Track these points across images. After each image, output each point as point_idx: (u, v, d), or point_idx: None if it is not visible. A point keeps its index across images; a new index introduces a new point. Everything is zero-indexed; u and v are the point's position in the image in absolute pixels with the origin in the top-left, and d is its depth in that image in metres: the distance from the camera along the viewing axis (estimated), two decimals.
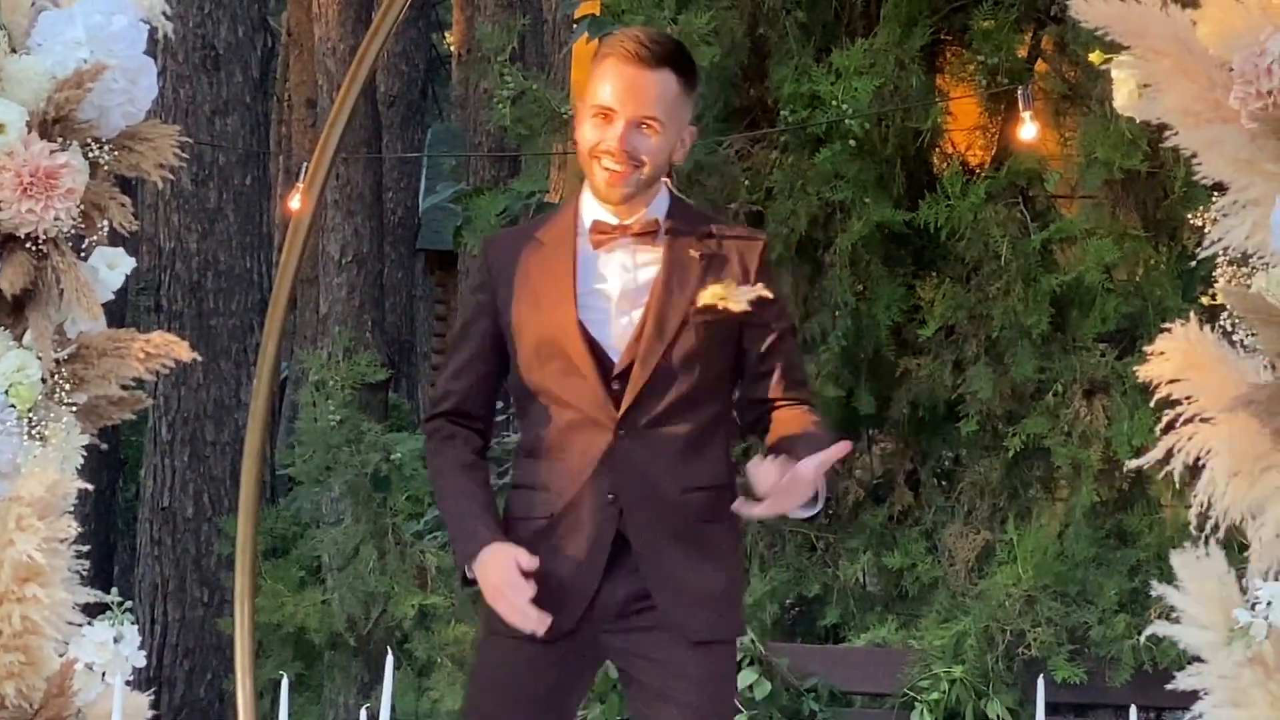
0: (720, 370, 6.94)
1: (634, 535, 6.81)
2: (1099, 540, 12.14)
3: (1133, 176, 12.40)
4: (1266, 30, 7.33)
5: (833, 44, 13.17)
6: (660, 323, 6.83)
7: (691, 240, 6.94)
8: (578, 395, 6.87)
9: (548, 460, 6.95)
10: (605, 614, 6.85)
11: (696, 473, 6.88)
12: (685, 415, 6.87)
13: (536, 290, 6.95)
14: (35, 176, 7.24)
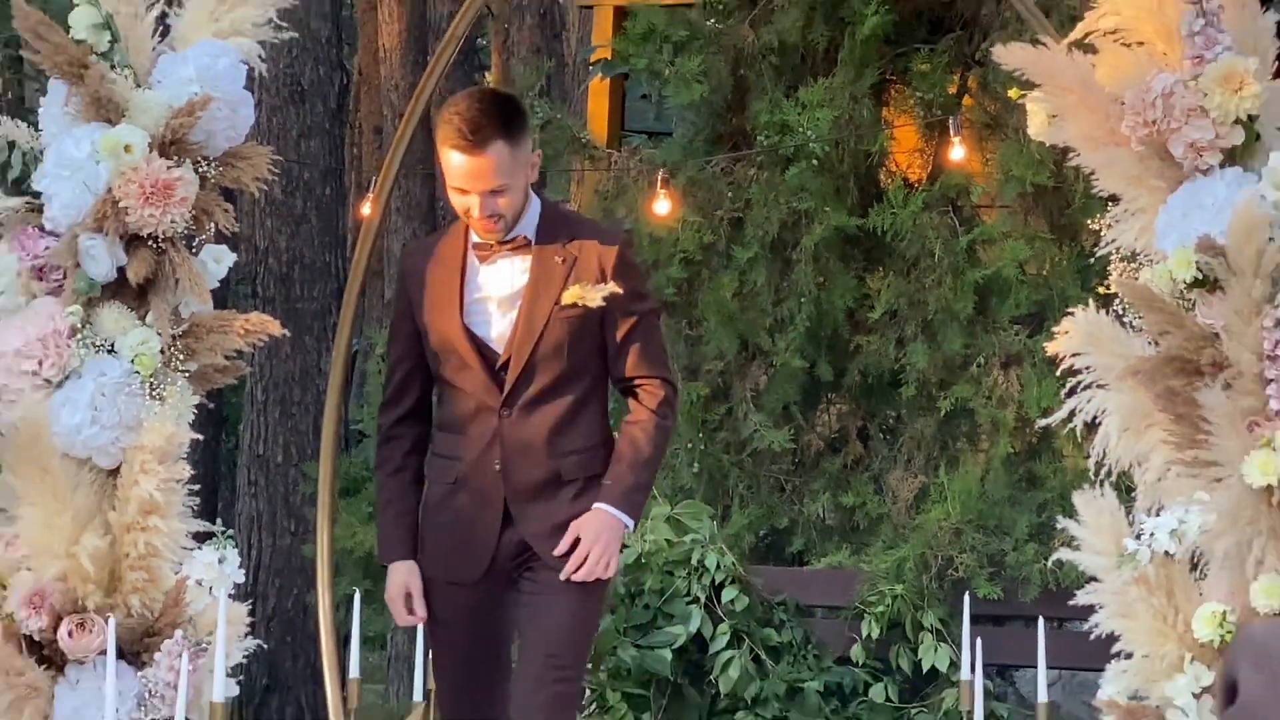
0: (587, 353, 7.04)
1: (511, 498, 6.97)
2: (1013, 483, 12.15)
3: (1042, 190, 12.38)
4: (1151, 72, 7.33)
5: (799, 83, 13.14)
6: (530, 321, 6.97)
7: (557, 248, 7.04)
8: (471, 384, 7.06)
9: (453, 435, 7.16)
10: (509, 556, 7.01)
11: (571, 439, 7.03)
12: (559, 394, 7.00)
13: (432, 298, 7.15)
14: (155, 187, 7.25)
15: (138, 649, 7.20)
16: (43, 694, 7.14)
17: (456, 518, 7.05)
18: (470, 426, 7.04)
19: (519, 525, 6.96)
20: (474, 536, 6.98)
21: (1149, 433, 7.36)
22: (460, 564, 7.00)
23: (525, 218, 7.09)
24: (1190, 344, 7.26)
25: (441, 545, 7.07)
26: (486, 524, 6.98)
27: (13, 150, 7.59)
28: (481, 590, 7.03)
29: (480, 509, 6.99)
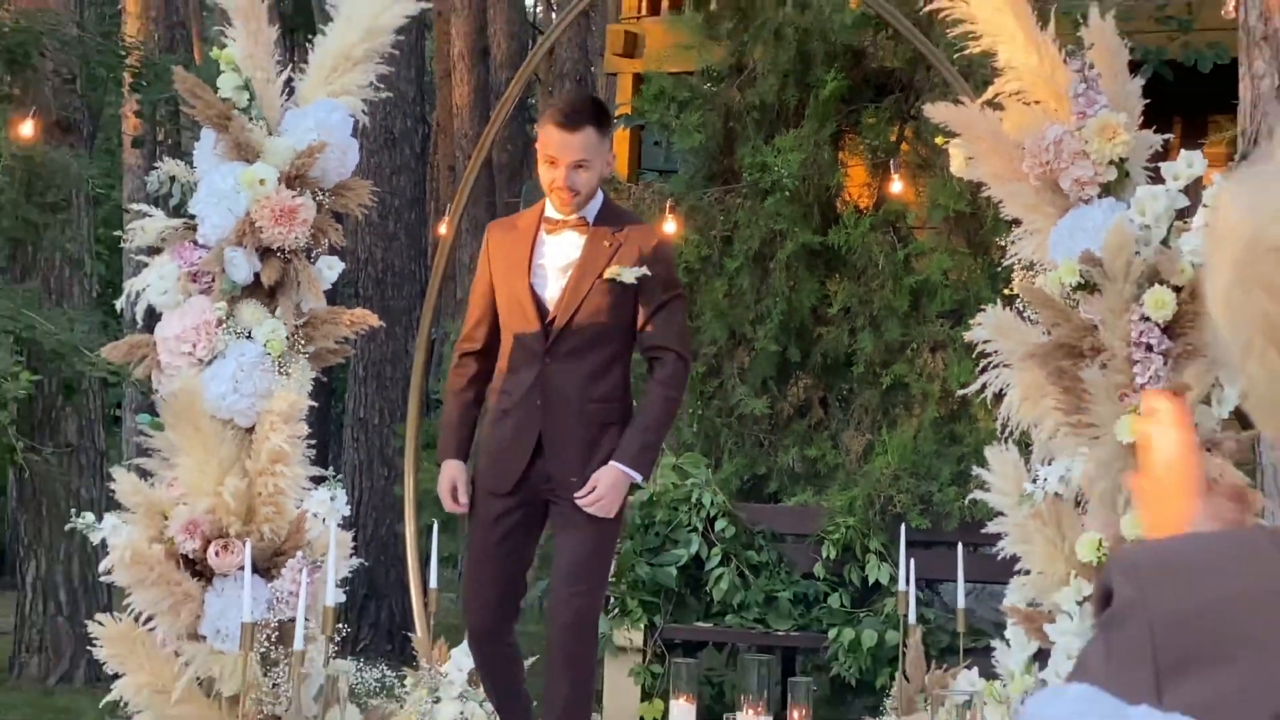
0: (619, 321, 7.00)
1: (545, 431, 6.93)
2: (938, 440, 12.13)
3: (961, 215, 12.36)
4: (1046, 125, 7.35)
5: (775, 132, 13.11)
6: (576, 288, 6.96)
7: (607, 233, 7.04)
8: (525, 333, 7.02)
9: (508, 375, 7.10)
10: (538, 481, 6.97)
11: (598, 389, 6.98)
12: (592, 350, 6.98)
13: (509, 260, 7.14)
14: (282, 212, 7.28)
15: (268, 565, 7.23)
16: (195, 599, 7.17)
17: (501, 441, 7.06)
18: (521, 369, 7.01)
19: (547, 457, 6.93)
20: (512, 456, 6.97)
21: (1043, 402, 7.40)
22: (499, 476, 7.00)
23: (590, 204, 7.10)
24: (1075, 334, 7.30)
25: (489, 461, 7.11)
26: (523, 449, 6.96)
27: (174, 183, 7.63)
28: (512, 501, 6.99)
29: (520, 436, 6.97)
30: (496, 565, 7.03)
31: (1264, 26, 7.56)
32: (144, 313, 7.55)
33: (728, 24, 13.74)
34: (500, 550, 7.04)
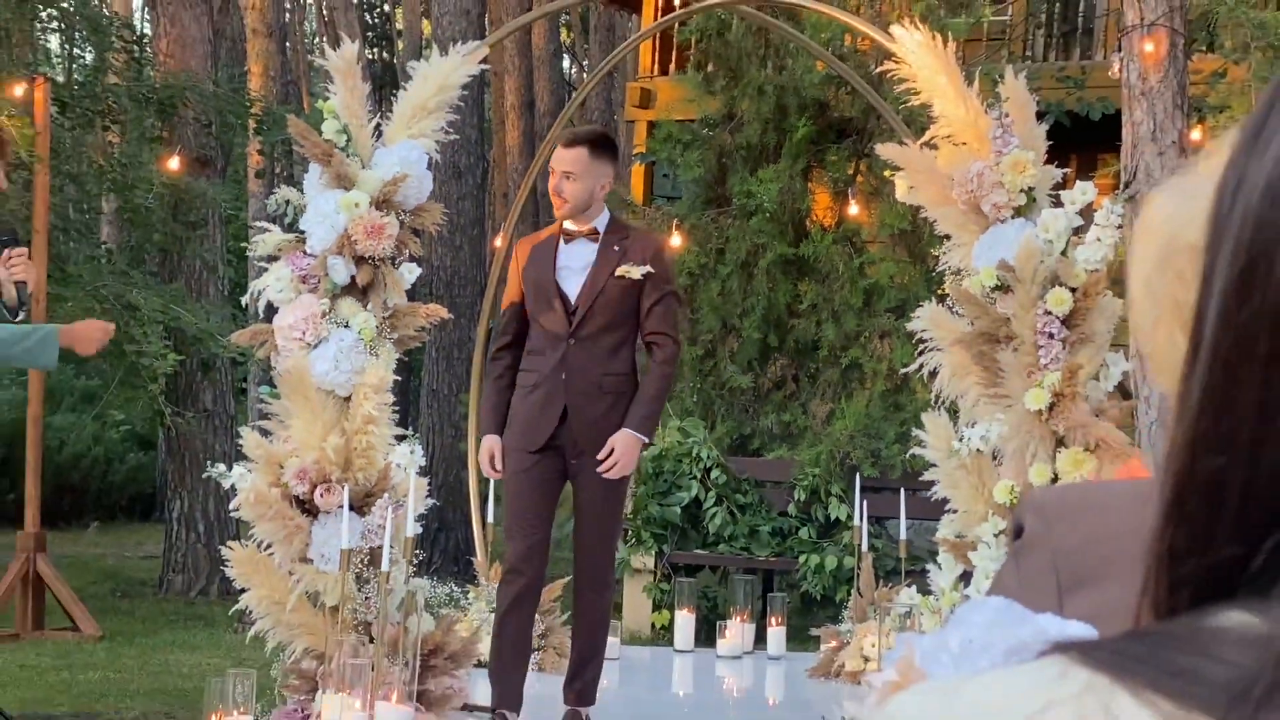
0: (628, 311, 6.89)
1: (569, 401, 6.83)
2: (885, 408, 12.12)
3: (904, 232, 12.35)
4: (970, 161, 7.31)
5: (759, 167, 13.10)
6: (594, 283, 6.85)
7: (616, 239, 6.94)
8: (551, 321, 6.90)
9: (537, 356, 6.97)
10: (564, 443, 6.85)
11: (611, 366, 6.87)
12: (606, 334, 6.87)
13: (536, 265, 7.02)
14: (372, 229, 7.26)
15: (361, 505, 7.22)
16: (304, 531, 7.17)
17: (531, 409, 6.94)
18: (548, 350, 6.92)
19: (571, 422, 6.84)
20: (541, 420, 6.87)
21: (967, 378, 7.38)
22: (530, 436, 6.89)
23: (598, 219, 7.01)
24: (992, 325, 7.28)
25: (520, 423, 6.98)
26: (550, 415, 6.86)
27: (288, 205, 7.63)
28: (540, 456, 6.89)
29: (548, 404, 6.88)
30: (529, 498, 6.95)
31: (1141, 84, 7.55)
32: (265, 307, 7.56)
33: (721, 82, 13.73)
34: (531, 486, 6.94)
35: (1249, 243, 0.63)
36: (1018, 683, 0.64)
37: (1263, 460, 0.61)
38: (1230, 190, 0.64)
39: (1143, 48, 7.57)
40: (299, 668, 7.21)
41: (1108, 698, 0.61)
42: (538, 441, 6.86)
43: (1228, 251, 0.63)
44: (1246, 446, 0.62)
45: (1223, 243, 0.64)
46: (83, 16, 16.56)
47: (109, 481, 18.85)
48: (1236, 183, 0.64)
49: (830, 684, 8.74)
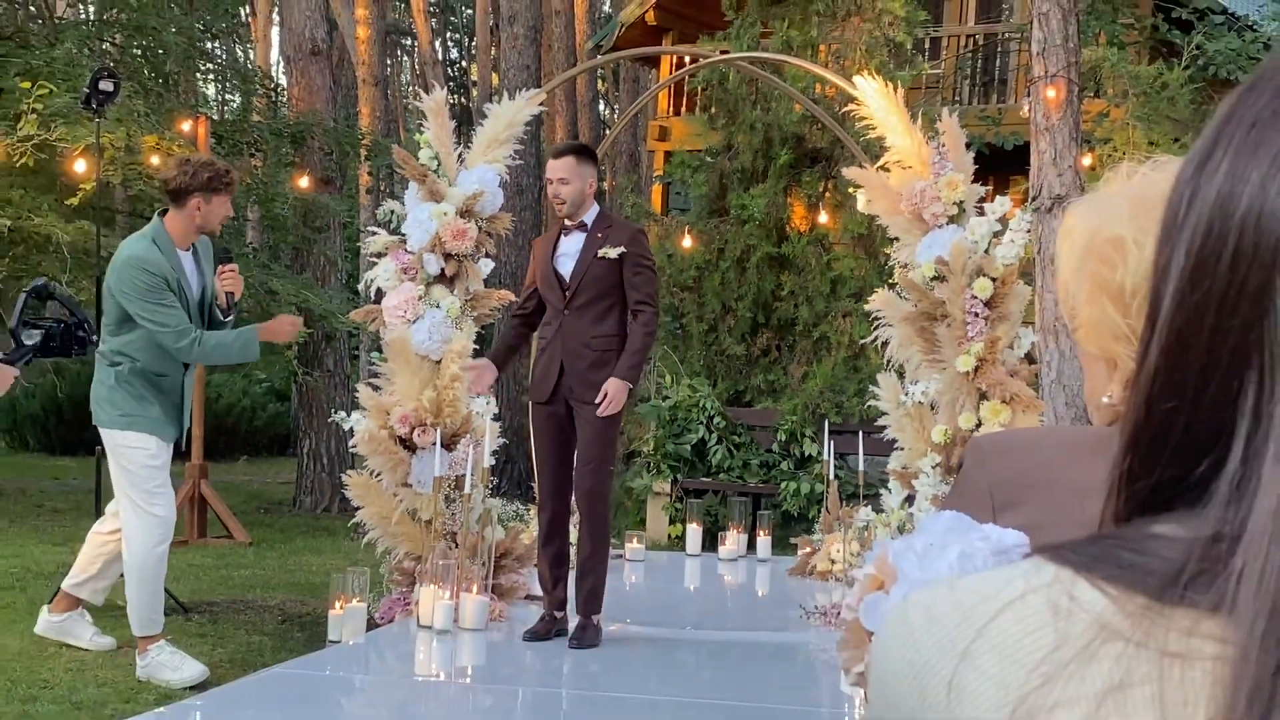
0: (612, 284, 6.59)
1: (565, 361, 6.59)
2: (847, 370, 12.10)
3: (862, 235, 12.33)
4: (914, 181, 7.29)
5: (750, 186, 13.06)
6: (581, 264, 6.58)
7: (600, 229, 6.65)
8: (552, 297, 6.65)
9: (545, 325, 6.74)
10: (564, 392, 6.60)
11: (599, 330, 6.59)
12: (594, 305, 6.59)
13: (541, 254, 6.76)
14: (457, 232, 7.25)
15: (448, 442, 7.23)
16: (405, 462, 7.19)
17: (540, 368, 6.72)
18: (552, 320, 6.67)
19: (566, 375, 6.57)
20: (546, 377, 6.62)
21: (911, 347, 7.36)
22: (540, 389, 6.65)
23: (587, 214, 6.71)
24: (931, 306, 7.26)
25: (534, 382, 6.78)
26: (551, 371, 6.61)
27: (392, 214, 7.63)
28: (552, 407, 6.64)
29: (550, 364, 6.62)
30: (549, 441, 6.71)
31: (1045, 122, 7.50)
32: (374, 292, 7.56)
33: (721, 120, 13.69)
34: (548, 436, 6.71)
35: (1200, 245, 0.64)
36: (1004, 575, 0.65)
37: (1201, 405, 0.63)
38: (1184, 202, 0.65)
39: (1046, 94, 7.52)
40: (401, 566, 7.23)
41: (1070, 586, 0.62)
42: (545, 393, 6.65)
43: (1182, 250, 0.64)
44: (1191, 395, 0.63)
45: (1178, 243, 0.65)
46: (233, 70, 16.55)
47: (254, 425, 18.92)
48: (1190, 197, 0.65)
49: (805, 580, 8.75)
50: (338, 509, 12.00)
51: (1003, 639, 0.62)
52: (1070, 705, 0.59)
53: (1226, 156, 0.64)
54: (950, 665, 0.63)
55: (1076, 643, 0.60)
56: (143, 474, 6.11)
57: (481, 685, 5.92)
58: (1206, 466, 0.62)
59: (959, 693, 0.62)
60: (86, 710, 5.47)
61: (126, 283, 6.01)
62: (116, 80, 8.16)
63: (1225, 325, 0.62)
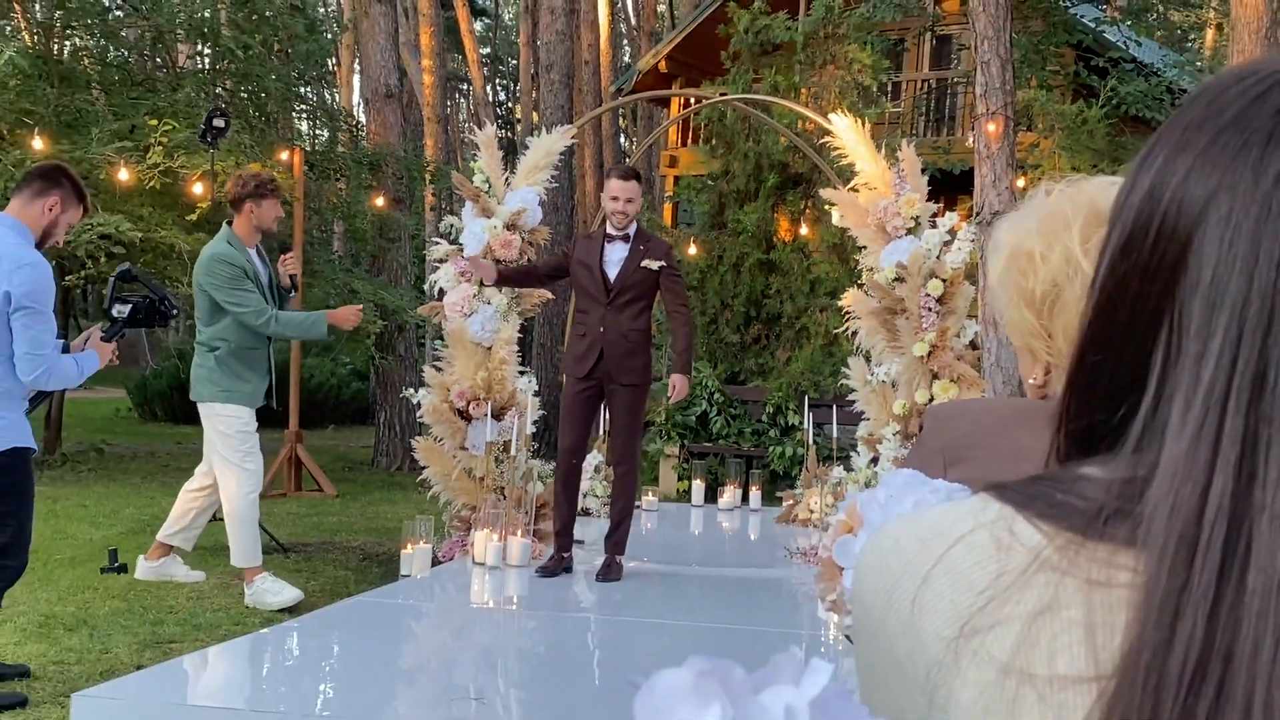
0: (649, 289, 6.47)
1: (605, 348, 6.45)
2: (824, 355, 12.07)
3: (836, 244, 12.28)
4: (879, 199, 7.25)
5: (744, 204, 13.02)
6: (625, 270, 6.44)
7: (641, 241, 6.51)
8: (596, 293, 6.48)
9: (583, 313, 6.57)
10: (600, 374, 6.45)
11: (636, 325, 6.46)
12: (633, 304, 6.46)
13: (587, 256, 6.54)
14: (505, 242, 7.22)
15: (498, 413, 7.22)
16: (462, 430, 7.18)
17: (580, 349, 6.51)
18: (592, 310, 6.50)
19: (605, 359, 6.42)
20: (586, 357, 6.44)
21: (876, 336, 7.32)
22: (579, 367, 6.45)
23: (631, 228, 6.55)
24: (892, 302, 7.23)
25: (573, 359, 6.56)
26: (592, 354, 6.44)
27: (452, 228, 7.62)
28: (587, 383, 6.46)
29: (591, 348, 6.45)
30: (577, 411, 6.60)
31: (986, 151, 7.47)
32: (437, 291, 7.55)
33: (720, 150, 13.64)
34: (579, 401, 6.53)
35: (1132, 222, 0.64)
36: (957, 511, 0.65)
37: (1123, 358, 0.63)
38: (1127, 189, 0.65)
39: (987, 128, 7.49)
40: (459, 515, 7.24)
41: (1010, 522, 0.62)
42: (583, 371, 6.48)
43: (1119, 227, 0.65)
44: (1115, 348, 0.63)
45: (1117, 221, 0.65)
46: (322, 110, 16.52)
47: (340, 399, 18.95)
48: (1131, 185, 0.65)
49: (789, 526, 8.74)
50: (408, 468, 12.03)
51: (955, 566, 0.62)
52: (1008, 624, 0.59)
53: (1160, 154, 0.64)
54: (914, 586, 0.63)
55: (1014, 572, 0.60)
56: (238, 437, 6.18)
57: (525, 611, 5.94)
58: (1125, 410, 0.62)
59: (920, 608, 0.62)
60: (204, 630, 5.50)
61: (213, 275, 6.08)
62: (227, 118, 8.17)
63: (1146, 290, 0.62)
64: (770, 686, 0.47)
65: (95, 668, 4.85)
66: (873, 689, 0.66)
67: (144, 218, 9.89)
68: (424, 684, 4.59)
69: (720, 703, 0.44)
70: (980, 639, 0.59)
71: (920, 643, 0.62)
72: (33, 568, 6.85)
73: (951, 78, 16.82)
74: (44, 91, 10.39)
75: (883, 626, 0.64)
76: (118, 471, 11.47)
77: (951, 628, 0.61)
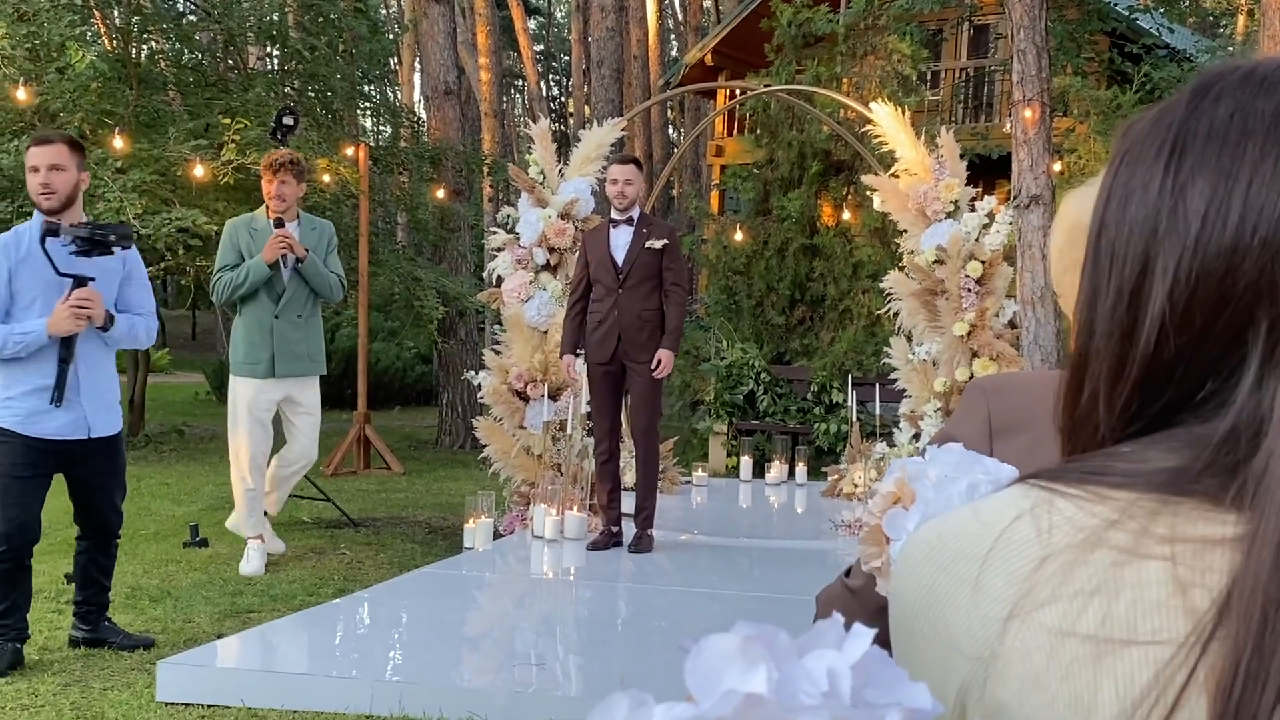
0: (656, 270, 6.39)
1: (621, 332, 6.40)
2: (866, 336, 11.95)
3: (878, 228, 12.15)
4: (919, 184, 7.19)
5: (789, 191, 12.93)
6: (632, 252, 6.39)
7: (645, 224, 6.46)
8: (607, 278, 6.42)
9: (598, 301, 6.48)
10: (620, 355, 6.40)
11: (647, 307, 6.39)
12: (641, 286, 6.40)
13: (596, 242, 6.49)
14: (559, 231, 7.22)
15: (554, 394, 7.24)
16: (520, 410, 7.21)
17: (598, 336, 6.44)
18: (605, 298, 6.43)
19: (622, 342, 6.38)
20: (605, 342, 6.39)
21: (917, 316, 7.27)
22: (599, 353, 6.41)
23: (635, 212, 6.49)
24: (933, 284, 7.17)
25: (593, 346, 6.48)
26: (610, 339, 6.40)
27: (509, 218, 7.63)
28: (608, 367, 6.42)
29: (609, 333, 6.40)
30: (604, 395, 6.51)
31: (1023, 136, 7.38)
32: (495, 278, 7.58)
33: (765, 139, 13.53)
34: (605, 389, 6.51)
35: (1099, 221, 0.65)
36: (1003, 500, 0.64)
37: (1210, 336, 0.62)
38: (1102, 196, 0.66)
39: (1024, 114, 7.39)
40: (519, 490, 7.28)
41: (1049, 504, 0.62)
42: (605, 356, 6.44)
43: (1094, 225, 0.65)
44: (1199, 330, 0.62)
45: (1094, 222, 0.66)
46: (385, 107, 16.61)
47: (405, 382, 19.09)
48: (1104, 193, 0.66)
49: (833, 500, 8.71)
50: (470, 446, 12.10)
51: (1005, 551, 0.61)
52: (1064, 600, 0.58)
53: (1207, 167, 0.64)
54: (973, 573, 0.62)
55: (1063, 549, 0.60)
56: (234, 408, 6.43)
57: (582, 581, 5.96)
58: (1211, 387, 0.61)
59: (980, 590, 0.61)
60: (280, 600, 5.58)
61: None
62: (296, 116, 8.23)
63: (1235, 275, 0.60)
64: (813, 650, 0.47)
65: (179, 636, 4.93)
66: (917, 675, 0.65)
67: (219, 211, 10.01)
68: (487, 650, 4.63)
69: (766, 665, 0.44)
70: (1033, 615, 0.59)
71: (970, 629, 0.61)
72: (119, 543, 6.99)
73: (989, 66, 16.60)
74: (123, 93, 10.52)
75: (934, 619, 0.63)
76: (197, 452, 11.65)
77: (1008, 606, 0.60)
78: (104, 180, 9.41)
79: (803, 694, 0.44)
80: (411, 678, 4.14)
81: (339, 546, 6.77)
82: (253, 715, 4.00)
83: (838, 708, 0.43)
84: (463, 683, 4.16)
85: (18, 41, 9.94)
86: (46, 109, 10.06)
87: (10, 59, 10.03)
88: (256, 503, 6.28)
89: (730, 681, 0.43)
